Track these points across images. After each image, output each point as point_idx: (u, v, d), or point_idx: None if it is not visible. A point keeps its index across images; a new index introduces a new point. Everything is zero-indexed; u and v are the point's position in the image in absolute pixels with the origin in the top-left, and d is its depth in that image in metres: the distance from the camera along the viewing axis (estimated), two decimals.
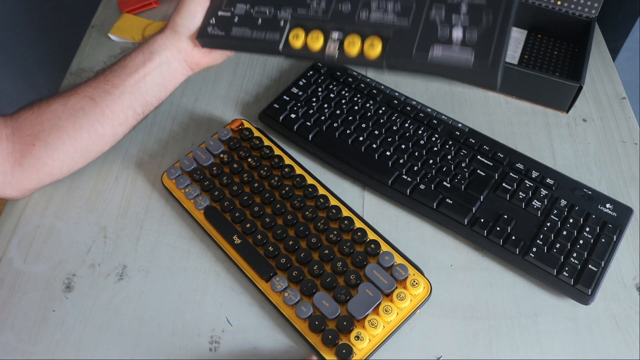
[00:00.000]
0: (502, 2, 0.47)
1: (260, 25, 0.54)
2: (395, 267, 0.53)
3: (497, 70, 0.45)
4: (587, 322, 0.52)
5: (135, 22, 0.82)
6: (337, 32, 0.51)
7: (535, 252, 0.54)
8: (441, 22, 0.48)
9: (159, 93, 0.58)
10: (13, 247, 0.57)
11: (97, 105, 0.55)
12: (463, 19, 0.47)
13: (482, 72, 0.45)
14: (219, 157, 0.63)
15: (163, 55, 0.57)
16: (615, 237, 0.56)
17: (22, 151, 0.55)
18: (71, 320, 0.52)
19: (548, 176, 0.60)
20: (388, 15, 0.50)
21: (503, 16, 0.46)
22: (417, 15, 0.49)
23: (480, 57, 0.45)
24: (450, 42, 0.47)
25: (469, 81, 0.47)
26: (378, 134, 0.64)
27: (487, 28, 0.46)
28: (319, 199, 0.58)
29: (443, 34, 0.47)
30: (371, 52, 0.49)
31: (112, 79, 0.56)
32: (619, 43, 0.85)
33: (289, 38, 0.52)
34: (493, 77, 0.45)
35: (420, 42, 0.48)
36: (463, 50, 0.46)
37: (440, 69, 0.47)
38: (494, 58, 0.45)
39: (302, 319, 0.51)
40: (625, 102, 0.73)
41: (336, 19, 0.51)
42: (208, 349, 0.51)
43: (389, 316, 0.50)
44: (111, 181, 0.63)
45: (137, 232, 0.59)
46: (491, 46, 0.45)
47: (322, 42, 0.51)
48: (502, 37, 0.45)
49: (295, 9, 0.53)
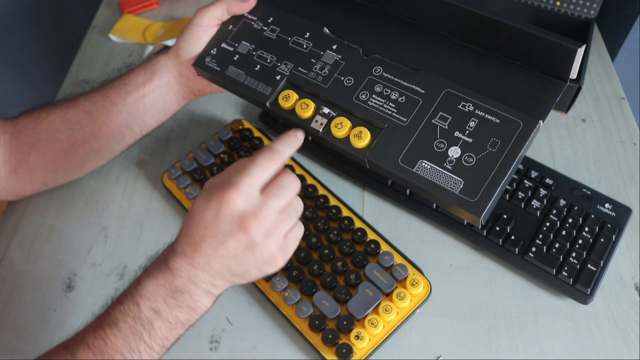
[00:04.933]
0: (518, 129, 0.41)
1: (257, 72, 0.50)
2: (395, 266, 0.53)
3: (482, 211, 0.40)
4: (586, 322, 0.52)
5: (136, 23, 0.83)
6: (328, 108, 0.47)
7: (535, 252, 0.54)
8: (442, 130, 0.43)
9: (157, 115, 0.56)
10: (14, 247, 0.58)
11: (94, 121, 0.54)
12: (467, 136, 0.42)
13: (465, 207, 0.40)
14: (220, 157, 0.63)
15: (164, 77, 0.54)
16: (615, 237, 0.56)
17: (18, 160, 0.54)
18: (72, 319, 0.53)
19: (547, 176, 0.61)
20: (389, 104, 0.45)
21: (511, 147, 0.41)
22: (420, 115, 0.44)
23: (468, 190, 0.41)
24: (443, 161, 0.42)
25: (449, 209, 0.42)
26: None
27: (489, 157, 0.41)
28: (319, 199, 0.58)
29: (439, 147, 0.43)
30: (356, 142, 0.45)
31: (112, 95, 0.54)
32: (618, 43, 0.85)
33: (278, 97, 0.49)
34: (474, 219, 0.40)
35: (411, 151, 0.43)
36: (453, 175, 0.41)
37: (423, 186, 0.42)
38: (482, 197, 0.40)
39: (302, 318, 0.51)
40: (624, 102, 0.73)
41: (334, 91, 0.47)
42: (208, 348, 0.51)
43: (389, 316, 0.50)
44: (112, 181, 0.63)
45: (137, 232, 0.59)
46: (484, 182, 0.41)
47: (311, 113, 0.47)
48: (499, 175, 0.40)
49: (296, 66, 0.49)
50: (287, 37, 0.51)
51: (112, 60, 0.78)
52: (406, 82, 0.46)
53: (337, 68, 0.48)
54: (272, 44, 0.51)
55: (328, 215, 0.57)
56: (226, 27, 0.54)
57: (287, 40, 0.51)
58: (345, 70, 0.48)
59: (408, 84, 0.46)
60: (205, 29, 0.53)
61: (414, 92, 0.45)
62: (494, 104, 0.43)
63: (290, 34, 0.51)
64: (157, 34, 0.81)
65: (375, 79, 0.47)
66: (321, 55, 0.49)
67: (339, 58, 0.49)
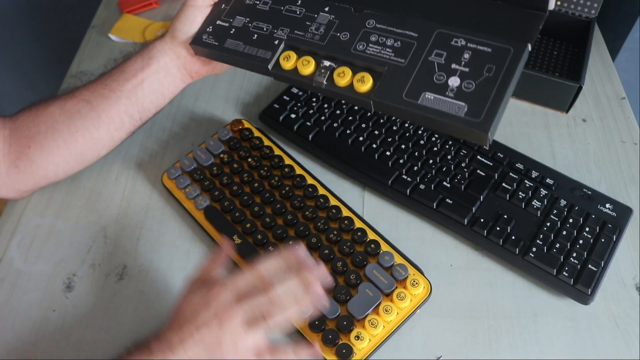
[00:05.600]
0: (509, 54, 0.44)
1: (255, 40, 0.53)
2: (395, 267, 0.53)
3: (488, 130, 0.42)
4: (586, 322, 0.52)
5: (135, 23, 0.82)
6: (329, 61, 0.50)
7: (535, 252, 0.54)
8: (439, 65, 0.46)
9: (156, 100, 0.57)
10: (13, 247, 0.58)
11: (94, 109, 0.55)
12: (463, 66, 0.45)
13: (472, 127, 0.42)
14: (219, 157, 0.63)
15: (161, 61, 0.56)
16: (615, 237, 0.56)
17: (18, 153, 0.54)
18: (71, 320, 0.52)
19: (548, 176, 0.60)
20: (386, 50, 0.48)
21: (506, 70, 0.44)
22: (416, 55, 0.47)
23: (472, 111, 0.43)
24: (444, 90, 0.44)
25: (457, 134, 0.45)
26: (378, 134, 0.64)
27: (487, 81, 0.44)
28: (319, 199, 0.58)
29: (439, 79, 0.45)
30: (360, 86, 0.47)
31: (110, 83, 0.55)
32: (618, 43, 0.85)
33: (279, 59, 0.51)
34: (483, 134, 0.42)
35: (413, 85, 0.45)
36: (456, 101, 0.44)
37: (429, 115, 0.44)
38: (486, 115, 0.42)
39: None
40: (624, 102, 0.73)
41: (332, 46, 0.50)
42: None
43: (389, 316, 0.50)
44: (111, 181, 0.63)
45: (137, 232, 0.59)
46: (486, 102, 0.43)
47: (313, 69, 0.50)
48: (500, 94, 0.43)
49: (292, 30, 0.52)
50: (279, 7, 0.54)
51: (112, 60, 0.78)
52: (399, 29, 0.49)
53: (332, 26, 0.51)
54: (266, 14, 0.54)
55: (328, 215, 0.57)
56: (219, 6, 0.56)
57: (280, 10, 0.54)
58: (340, 27, 0.51)
59: (401, 30, 0.49)
60: (200, 9, 0.55)
61: (408, 37, 0.48)
62: (483, 36, 0.46)
63: (282, 3, 0.54)
64: (156, 34, 0.81)
65: (369, 30, 0.50)
66: (315, 18, 0.52)
67: (332, 18, 0.51)
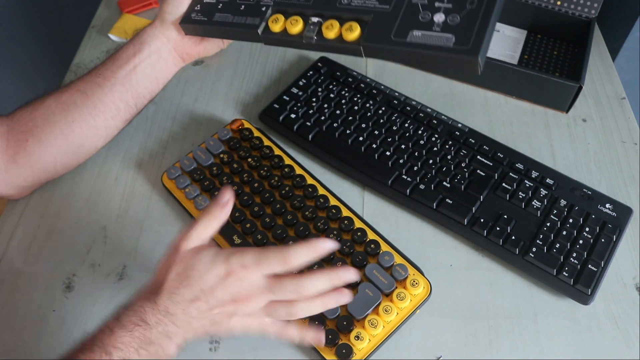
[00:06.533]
0: None
1: (243, 10, 0.55)
2: (395, 267, 0.53)
3: (478, 53, 0.43)
4: (586, 322, 0.52)
5: (135, 22, 0.82)
6: (316, 17, 0.51)
7: (535, 252, 0.54)
8: (423, 5, 0.47)
9: (150, 85, 0.59)
10: (13, 247, 0.58)
11: (89, 98, 0.56)
12: (446, 3, 0.46)
13: (461, 54, 0.44)
14: (219, 157, 0.63)
15: (153, 45, 0.57)
16: (615, 237, 0.56)
17: (16, 147, 0.55)
18: (71, 320, 0.52)
19: (548, 176, 0.60)
20: (370, 0, 0.50)
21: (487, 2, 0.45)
22: (400, 1, 0.49)
23: (460, 40, 0.44)
24: (431, 26, 0.46)
25: (449, 67, 0.47)
26: (378, 134, 0.64)
27: (471, 12, 0.45)
28: (319, 199, 0.58)
29: (424, 17, 0.47)
30: (349, 35, 0.49)
31: (103, 71, 0.57)
32: (618, 43, 0.85)
33: (268, 23, 0.53)
34: (473, 61, 0.43)
35: (400, 26, 0.47)
36: (443, 33, 0.45)
37: (419, 51, 0.46)
38: (475, 42, 0.43)
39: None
40: (624, 102, 0.73)
41: (317, 4, 0.52)
42: (208, 348, 0.51)
43: (389, 316, 0.50)
44: (111, 181, 0.63)
45: (137, 232, 0.59)
46: (473, 30, 0.44)
47: (301, 27, 0.52)
48: (485, 22, 0.44)
49: None
50: None
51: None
52: None
53: None
54: None
55: (328, 215, 0.57)
56: None
57: None
58: None
59: None
60: None
61: None
62: None
63: None
64: None
65: None
66: None
67: None
